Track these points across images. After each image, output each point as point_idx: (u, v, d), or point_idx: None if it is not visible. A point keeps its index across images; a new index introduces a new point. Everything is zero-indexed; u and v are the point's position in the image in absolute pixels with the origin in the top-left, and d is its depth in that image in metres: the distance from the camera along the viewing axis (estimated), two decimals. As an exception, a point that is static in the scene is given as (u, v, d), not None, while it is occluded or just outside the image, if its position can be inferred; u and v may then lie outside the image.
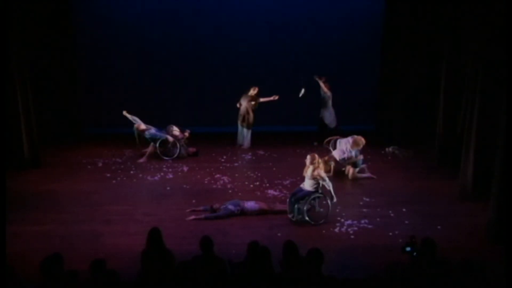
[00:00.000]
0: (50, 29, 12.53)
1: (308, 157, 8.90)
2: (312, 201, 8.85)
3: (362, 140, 10.73)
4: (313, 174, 8.76)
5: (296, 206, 8.74)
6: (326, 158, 10.48)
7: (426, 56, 12.61)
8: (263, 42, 13.59)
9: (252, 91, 12.61)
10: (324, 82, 12.62)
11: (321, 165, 8.85)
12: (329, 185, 8.75)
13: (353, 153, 10.71)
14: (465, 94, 10.00)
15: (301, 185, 9.05)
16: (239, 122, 12.78)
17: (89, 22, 13.34)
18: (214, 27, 13.45)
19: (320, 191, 8.85)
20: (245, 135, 12.81)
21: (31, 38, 11.84)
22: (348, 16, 13.43)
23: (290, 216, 8.81)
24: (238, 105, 12.69)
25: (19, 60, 10.70)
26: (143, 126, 11.94)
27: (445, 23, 11.05)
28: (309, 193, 8.81)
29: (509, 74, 7.50)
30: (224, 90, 13.58)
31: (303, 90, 12.51)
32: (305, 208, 8.69)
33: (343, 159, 10.79)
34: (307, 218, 8.68)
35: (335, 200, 8.79)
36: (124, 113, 11.91)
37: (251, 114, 12.60)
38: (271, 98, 12.59)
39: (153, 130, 11.94)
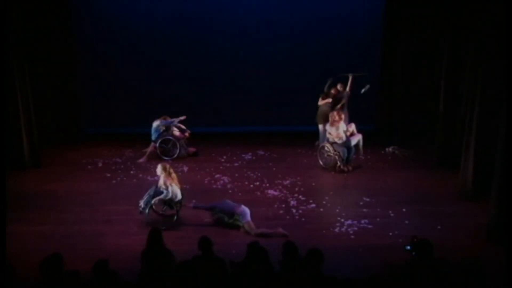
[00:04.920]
0: (50, 29, 12.55)
1: (159, 166, 8.86)
2: (155, 201, 8.67)
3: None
4: (161, 182, 8.72)
5: (145, 199, 8.69)
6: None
7: (426, 56, 12.61)
8: (263, 43, 13.58)
9: (333, 91, 12.11)
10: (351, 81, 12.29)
11: (173, 175, 8.76)
12: (168, 195, 8.59)
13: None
14: (465, 94, 10.00)
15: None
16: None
17: (89, 22, 13.35)
18: (215, 27, 13.46)
19: (168, 197, 8.62)
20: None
21: (31, 38, 11.84)
22: (348, 16, 13.44)
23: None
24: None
25: (19, 60, 10.71)
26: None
27: (445, 23, 11.05)
28: (157, 193, 8.71)
29: (509, 74, 7.50)
30: (224, 91, 13.59)
31: (367, 86, 12.13)
32: (145, 204, 8.63)
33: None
34: (147, 213, 8.62)
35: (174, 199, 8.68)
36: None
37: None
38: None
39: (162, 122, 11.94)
